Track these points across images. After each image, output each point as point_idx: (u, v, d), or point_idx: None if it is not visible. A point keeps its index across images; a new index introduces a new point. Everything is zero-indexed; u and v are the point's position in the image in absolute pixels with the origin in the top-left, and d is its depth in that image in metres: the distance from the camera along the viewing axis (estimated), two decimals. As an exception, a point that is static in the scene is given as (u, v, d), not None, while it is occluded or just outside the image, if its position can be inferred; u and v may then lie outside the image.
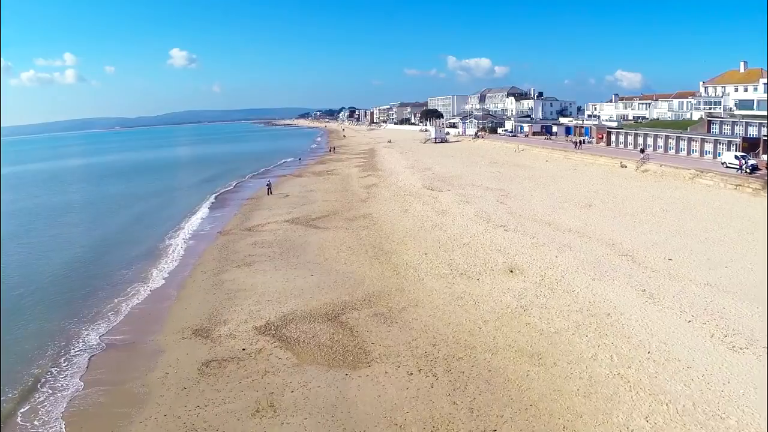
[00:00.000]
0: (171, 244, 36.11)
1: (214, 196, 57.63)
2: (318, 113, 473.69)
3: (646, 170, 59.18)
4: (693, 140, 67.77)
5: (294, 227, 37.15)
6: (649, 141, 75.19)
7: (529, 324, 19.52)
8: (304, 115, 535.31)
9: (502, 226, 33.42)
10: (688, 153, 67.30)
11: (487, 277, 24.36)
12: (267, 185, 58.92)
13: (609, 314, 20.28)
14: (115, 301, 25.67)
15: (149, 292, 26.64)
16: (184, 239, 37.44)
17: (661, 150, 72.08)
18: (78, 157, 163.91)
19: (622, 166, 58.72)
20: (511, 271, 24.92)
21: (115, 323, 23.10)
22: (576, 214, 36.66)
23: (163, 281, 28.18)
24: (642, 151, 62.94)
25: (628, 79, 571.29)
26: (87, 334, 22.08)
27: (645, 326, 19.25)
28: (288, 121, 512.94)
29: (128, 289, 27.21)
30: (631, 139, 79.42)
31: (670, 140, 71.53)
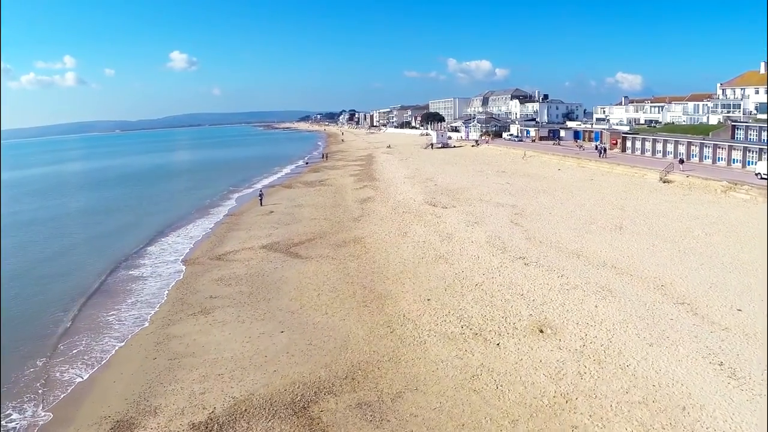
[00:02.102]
0: (128, 277, 30.29)
1: (197, 210, 51.82)
2: (318, 116, 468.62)
3: (670, 181, 53.42)
4: (719, 147, 61.89)
5: (271, 255, 31.29)
6: (669, 147, 69.38)
7: (576, 428, 13.67)
8: (305, 118, 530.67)
9: (521, 257, 27.55)
10: (714, 161, 61.44)
11: (510, 340, 18.49)
12: (259, 195, 54.48)
13: (684, 408, 14.44)
14: (39, 363, 19.98)
15: (83, 354, 20.80)
16: (147, 269, 31.62)
17: (682, 157, 66.28)
18: (66, 163, 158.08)
19: (663, 181, 52.52)
20: (541, 331, 19.05)
21: (33, 402, 17.40)
22: (606, 240, 30.82)
23: (102, 336, 22.31)
24: (681, 161, 56.67)
25: (629, 81, 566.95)
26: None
27: (738, 430, 13.47)
28: (288, 125, 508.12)
29: (60, 347, 21.43)
30: (648, 145, 73.52)
31: (692, 147, 65.69)
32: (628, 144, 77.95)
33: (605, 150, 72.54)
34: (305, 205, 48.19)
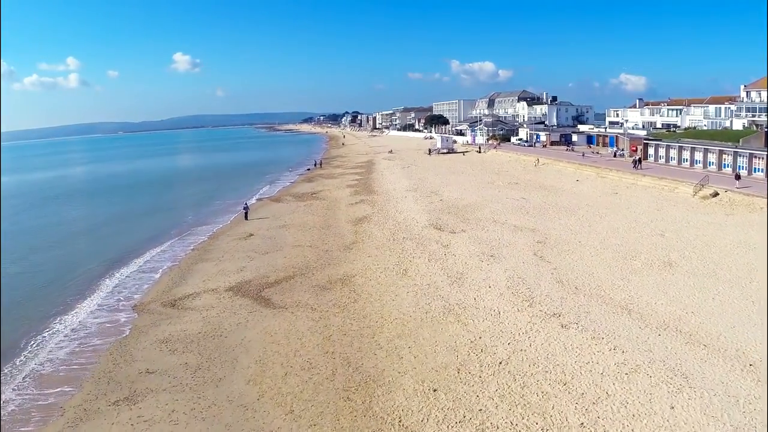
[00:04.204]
0: (41, 331, 23.96)
1: (176, 229, 45.23)
2: (321, 118, 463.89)
3: (706, 196, 46.99)
4: (757, 157, 55.40)
5: (237, 302, 25.01)
6: (697, 156, 62.94)
7: None
8: (307, 120, 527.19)
9: (555, 314, 21.22)
10: (750, 172, 54.90)
11: (559, 481, 12.22)
12: (244, 209, 48.98)
13: None
14: None
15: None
16: (77, 317, 25.50)
17: (713, 167, 59.85)
18: (55, 169, 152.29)
19: (713, 195, 45.61)
20: (605, 462, 12.77)
21: None
22: (658, 285, 24.45)
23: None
24: (738, 177, 48.90)
25: (633, 82, 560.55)
26: None
27: None
28: (290, 126, 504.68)
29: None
30: (673, 153, 66.94)
31: (724, 156, 59.30)
32: (650, 151, 71.34)
33: (640, 161, 63.95)
34: (291, 226, 41.89)
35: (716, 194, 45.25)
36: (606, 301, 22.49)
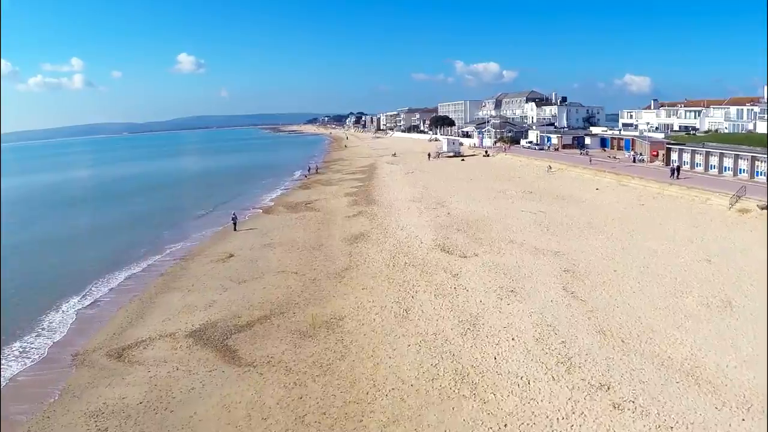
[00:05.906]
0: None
1: (150, 249, 39.92)
2: (325, 119, 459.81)
3: (744, 210, 41.77)
4: (796, 164, 50.32)
5: (195, 357, 19.99)
6: (726, 162, 57.74)
7: None
8: (312, 121, 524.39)
9: (602, 385, 16.15)
10: (786, 180, 49.77)
11: None
12: (232, 220, 44.94)
13: None
14: None
15: None
16: (5, 374, 20.69)
17: (744, 175, 54.68)
18: (46, 171, 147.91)
19: (762, 208, 39.55)
20: None
21: None
22: (722, 334, 19.35)
23: None
24: None
25: (637, 83, 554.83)
26: None
27: None
28: (294, 127, 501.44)
29: None
30: (699, 158, 61.59)
31: (758, 163, 54.08)
32: (674, 157, 65.98)
33: (678, 169, 56.87)
34: (277, 245, 36.87)
35: (765, 207, 39.62)
36: (664, 362, 17.40)
